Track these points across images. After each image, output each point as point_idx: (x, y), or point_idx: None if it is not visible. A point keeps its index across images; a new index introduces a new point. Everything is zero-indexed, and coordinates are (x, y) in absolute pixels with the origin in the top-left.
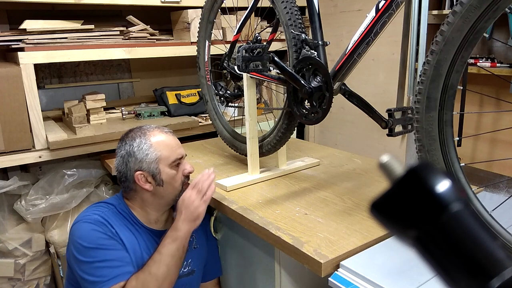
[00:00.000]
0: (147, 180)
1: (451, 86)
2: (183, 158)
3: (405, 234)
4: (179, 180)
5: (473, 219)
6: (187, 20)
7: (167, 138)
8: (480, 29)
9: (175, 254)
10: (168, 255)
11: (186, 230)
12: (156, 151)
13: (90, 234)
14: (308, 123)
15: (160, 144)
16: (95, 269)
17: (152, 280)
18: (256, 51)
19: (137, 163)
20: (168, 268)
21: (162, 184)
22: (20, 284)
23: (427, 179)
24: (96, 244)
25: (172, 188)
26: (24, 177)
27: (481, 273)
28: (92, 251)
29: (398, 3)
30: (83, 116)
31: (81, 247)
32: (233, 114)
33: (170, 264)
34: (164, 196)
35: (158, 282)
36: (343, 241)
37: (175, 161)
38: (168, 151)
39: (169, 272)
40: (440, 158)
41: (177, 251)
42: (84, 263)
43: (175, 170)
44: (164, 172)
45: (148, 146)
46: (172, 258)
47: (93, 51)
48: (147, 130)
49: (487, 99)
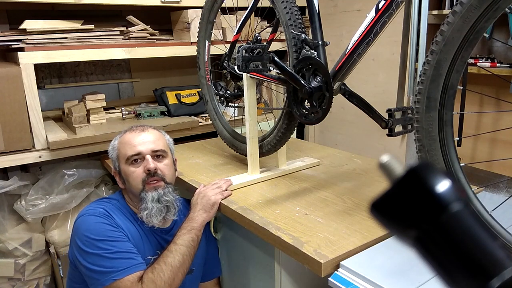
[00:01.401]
0: (119, 178)
1: (451, 86)
2: (141, 154)
3: (405, 234)
4: (137, 178)
5: (473, 219)
6: (187, 20)
7: (131, 136)
8: (480, 29)
9: (190, 244)
10: (183, 245)
11: (201, 220)
12: (116, 150)
13: (96, 227)
14: (308, 123)
15: (121, 142)
16: (105, 260)
17: (167, 269)
18: (256, 51)
19: (112, 162)
20: (183, 258)
21: (124, 182)
22: (20, 284)
23: (427, 179)
24: (104, 236)
25: (132, 186)
26: (24, 177)
27: (481, 273)
28: (101, 243)
29: (398, 3)
30: (83, 116)
31: (88, 239)
32: (233, 114)
33: (185, 254)
34: (133, 193)
35: (173, 271)
36: (343, 241)
37: (129, 158)
38: (124, 149)
39: (184, 262)
40: (440, 158)
41: (192, 241)
42: (92, 255)
43: (133, 167)
44: (122, 170)
45: (113, 146)
46: (187, 248)
47: (93, 51)
48: (126, 130)
49: (487, 99)
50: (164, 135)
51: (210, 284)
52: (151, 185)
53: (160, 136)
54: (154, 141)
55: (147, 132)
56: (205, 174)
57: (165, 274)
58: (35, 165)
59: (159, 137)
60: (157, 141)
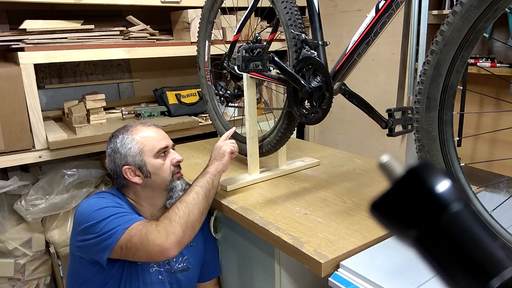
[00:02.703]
0: (135, 174)
1: (451, 86)
2: (168, 147)
3: (405, 234)
4: (168, 170)
5: (473, 219)
6: (187, 20)
7: (149, 130)
8: (480, 29)
9: (204, 185)
10: (198, 186)
11: (214, 167)
12: (138, 144)
13: (100, 202)
14: (308, 123)
15: (142, 137)
16: (113, 222)
17: (182, 205)
18: (256, 51)
19: (123, 158)
20: (198, 196)
21: (150, 175)
22: (20, 284)
23: (427, 179)
24: (108, 205)
25: (160, 178)
26: (24, 177)
27: (481, 273)
28: (105, 210)
29: (398, 3)
30: (83, 116)
31: (93, 212)
32: (233, 114)
33: (199, 192)
34: (155, 188)
35: (188, 207)
36: (343, 241)
37: (159, 151)
38: (150, 143)
39: (198, 199)
40: (440, 158)
41: (206, 183)
42: (99, 223)
43: (161, 160)
44: (149, 163)
45: (130, 141)
46: (202, 188)
47: (93, 51)
48: (130, 126)
49: (487, 99)
50: None
51: (210, 284)
52: (178, 175)
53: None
54: (167, 136)
55: (159, 128)
56: None
57: (180, 210)
58: (35, 165)
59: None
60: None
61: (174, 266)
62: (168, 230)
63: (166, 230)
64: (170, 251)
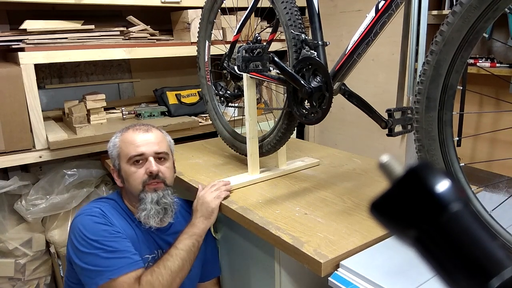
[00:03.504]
0: (117, 176)
1: (451, 86)
2: (144, 155)
3: (405, 234)
4: (138, 179)
5: (473, 219)
6: (187, 21)
7: (134, 135)
8: (479, 29)
9: (190, 249)
10: (184, 250)
11: (202, 227)
12: (117, 148)
13: (93, 227)
14: (308, 123)
15: (123, 141)
16: (100, 260)
17: (166, 273)
18: (256, 51)
19: (111, 159)
20: (183, 263)
21: (124, 180)
22: (20, 284)
23: (427, 179)
24: (100, 236)
25: (131, 186)
26: (25, 177)
27: (481, 273)
28: (96, 243)
29: (397, 3)
30: (83, 116)
31: (85, 238)
32: (233, 114)
33: (185, 258)
34: (132, 193)
35: (172, 275)
36: (343, 241)
37: (131, 158)
38: (127, 148)
39: (183, 267)
40: (440, 158)
41: (192, 246)
42: (88, 254)
43: (135, 168)
44: (123, 169)
45: (114, 143)
46: (187, 253)
47: (93, 51)
48: (125, 128)
49: (486, 99)
50: (166, 136)
51: (210, 284)
52: (151, 186)
53: (163, 137)
54: (157, 143)
55: (151, 133)
56: (205, 174)
57: (164, 278)
58: (36, 165)
59: (162, 139)
60: (161, 143)
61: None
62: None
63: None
64: None
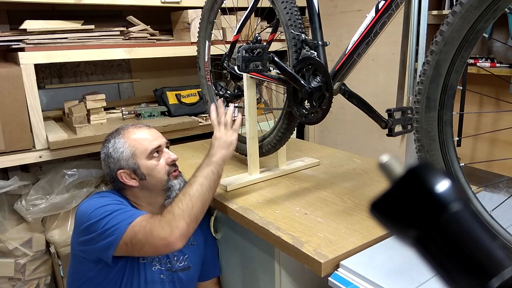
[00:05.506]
0: (130, 177)
1: (451, 86)
2: (161, 147)
3: (405, 234)
4: (162, 170)
5: (473, 219)
6: (187, 21)
7: (140, 132)
8: (479, 29)
9: (209, 175)
10: (202, 176)
11: (220, 156)
12: (130, 147)
13: (99, 200)
14: (308, 123)
15: (133, 140)
16: (111, 220)
17: (185, 198)
18: (256, 51)
19: (116, 162)
20: (202, 188)
21: (145, 178)
22: (20, 284)
23: (427, 179)
24: (106, 203)
25: (156, 179)
26: (25, 177)
27: (481, 273)
28: (104, 208)
29: (397, 3)
30: (83, 116)
31: (93, 210)
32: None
33: (203, 184)
34: (152, 189)
35: (191, 200)
36: (343, 241)
37: (151, 152)
38: (142, 144)
39: (202, 191)
40: (440, 158)
41: (211, 174)
42: (98, 221)
43: (155, 161)
44: (143, 166)
45: (122, 144)
46: (206, 179)
47: (93, 51)
48: (121, 129)
49: (486, 99)
50: None
51: (210, 284)
52: (175, 174)
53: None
54: (161, 135)
55: (151, 128)
56: None
57: (183, 203)
58: (36, 165)
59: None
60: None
61: (175, 264)
62: (172, 225)
63: (170, 225)
64: (176, 244)
